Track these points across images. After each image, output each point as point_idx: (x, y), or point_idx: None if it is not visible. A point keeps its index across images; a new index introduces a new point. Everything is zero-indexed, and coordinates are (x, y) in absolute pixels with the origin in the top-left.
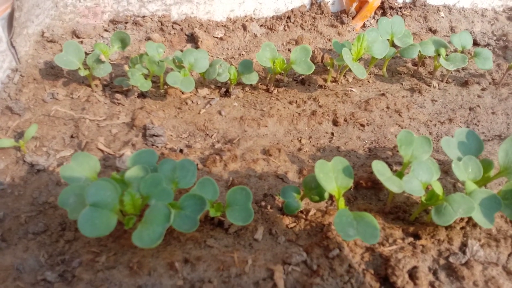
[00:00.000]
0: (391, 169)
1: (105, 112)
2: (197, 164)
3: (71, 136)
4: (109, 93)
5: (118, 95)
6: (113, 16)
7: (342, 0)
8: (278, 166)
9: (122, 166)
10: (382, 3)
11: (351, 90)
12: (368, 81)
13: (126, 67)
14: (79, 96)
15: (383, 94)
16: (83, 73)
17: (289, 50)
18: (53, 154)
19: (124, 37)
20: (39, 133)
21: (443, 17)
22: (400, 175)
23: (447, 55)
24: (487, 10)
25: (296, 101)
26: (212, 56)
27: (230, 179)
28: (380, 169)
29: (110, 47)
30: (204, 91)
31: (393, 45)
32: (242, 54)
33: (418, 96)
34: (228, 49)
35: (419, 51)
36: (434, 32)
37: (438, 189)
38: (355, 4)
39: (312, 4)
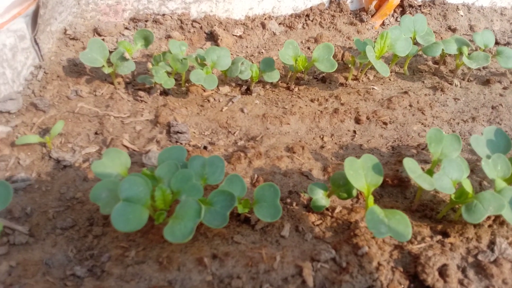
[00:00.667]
0: None
1: (129, 109)
2: None
3: (96, 133)
4: (132, 91)
5: (141, 93)
6: (133, 14)
7: None
8: (302, 164)
9: (148, 163)
10: (402, 1)
11: (373, 88)
12: (390, 79)
13: (149, 65)
14: (102, 94)
15: (405, 92)
16: (107, 70)
17: (308, 48)
18: (79, 150)
19: (147, 35)
20: (64, 129)
21: (462, 15)
22: (430, 172)
23: (469, 53)
24: (506, 9)
25: (318, 99)
26: (232, 54)
27: (255, 176)
28: (411, 166)
29: (133, 45)
30: (225, 89)
31: (415, 43)
32: (262, 52)
33: (441, 95)
34: (247, 47)
35: (442, 49)
36: (454, 30)
37: (468, 187)
38: (374, 2)
39: (331, 2)
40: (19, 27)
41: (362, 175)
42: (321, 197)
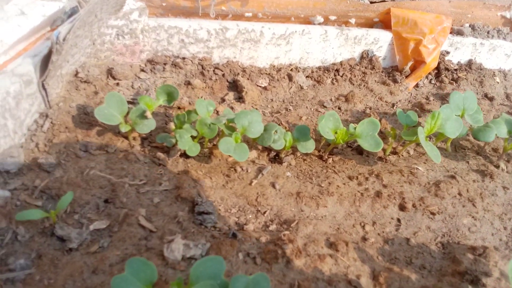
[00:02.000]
0: (478, 283)
1: (145, 174)
2: (254, 258)
3: (106, 201)
4: (149, 149)
5: (159, 154)
6: (151, 56)
7: (396, 56)
8: (347, 266)
9: (171, 256)
10: (438, 63)
11: (417, 168)
12: None
13: (172, 125)
14: (115, 151)
15: (453, 177)
16: (124, 128)
17: (339, 108)
18: (86, 224)
19: (172, 91)
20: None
21: (498, 82)
22: None
23: None
24: None
25: (357, 177)
26: (257, 109)
27: (296, 284)
28: None
29: (155, 100)
30: (252, 154)
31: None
32: (289, 109)
33: (490, 182)
34: (272, 100)
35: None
36: (491, 99)
37: None
38: (410, 63)
39: (362, 57)
40: (26, 71)
41: None
42: None
